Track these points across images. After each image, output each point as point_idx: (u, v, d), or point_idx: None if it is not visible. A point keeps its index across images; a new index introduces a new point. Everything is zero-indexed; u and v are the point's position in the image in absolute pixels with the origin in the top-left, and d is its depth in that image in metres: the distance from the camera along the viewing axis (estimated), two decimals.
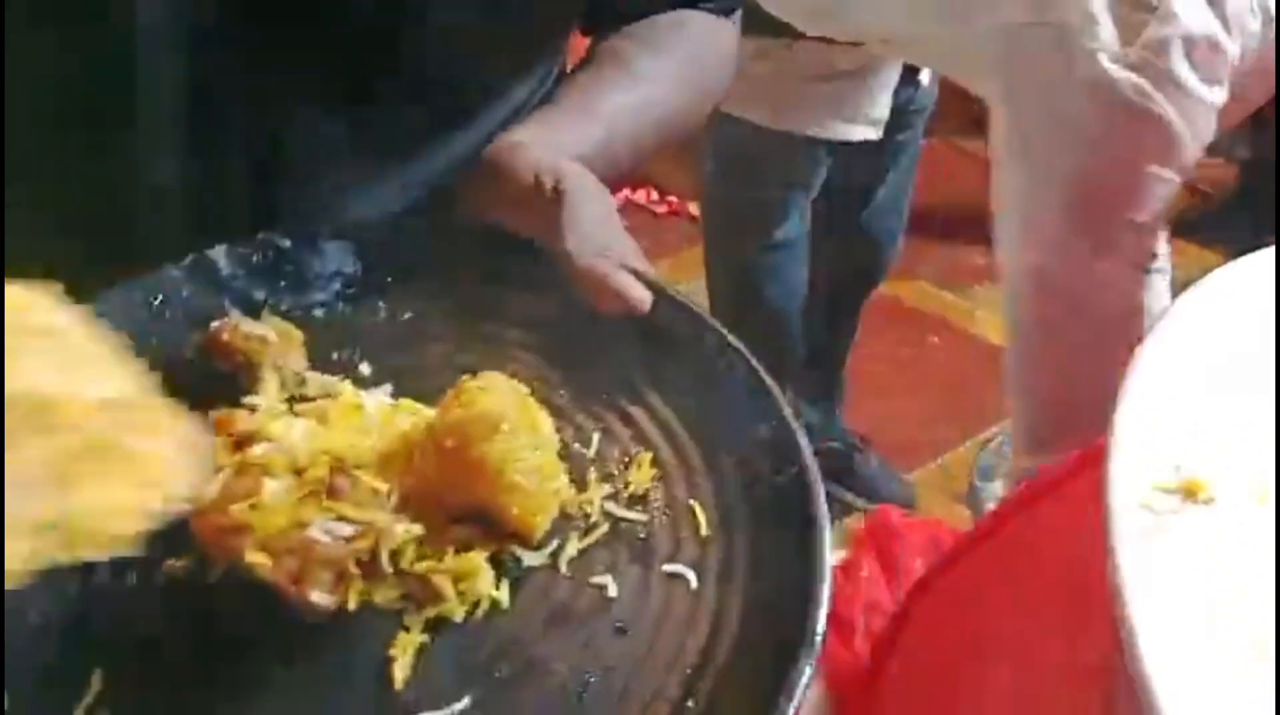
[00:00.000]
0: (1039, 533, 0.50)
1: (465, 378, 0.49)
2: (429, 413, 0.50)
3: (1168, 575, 0.34)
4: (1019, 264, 1.20)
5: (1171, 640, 0.32)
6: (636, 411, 0.53)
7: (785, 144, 1.54)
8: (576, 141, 0.62)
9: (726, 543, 0.48)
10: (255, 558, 0.43)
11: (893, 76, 1.55)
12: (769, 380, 0.52)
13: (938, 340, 2.32)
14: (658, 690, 0.44)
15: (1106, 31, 1.04)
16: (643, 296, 0.53)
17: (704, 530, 0.49)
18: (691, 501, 0.50)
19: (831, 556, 0.46)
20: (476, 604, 0.46)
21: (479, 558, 0.47)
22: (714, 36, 0.76)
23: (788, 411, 0.51)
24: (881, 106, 1.55)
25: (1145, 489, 0.36)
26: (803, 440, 0.50)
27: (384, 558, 0.45)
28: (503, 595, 0.47)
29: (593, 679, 0.44)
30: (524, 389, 0.50)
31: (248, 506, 0.44)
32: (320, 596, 0.44)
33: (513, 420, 0.47)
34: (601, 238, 0.55)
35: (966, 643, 0.53)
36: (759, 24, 1.33)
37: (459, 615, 0.46)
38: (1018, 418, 1.28)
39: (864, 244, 1.77)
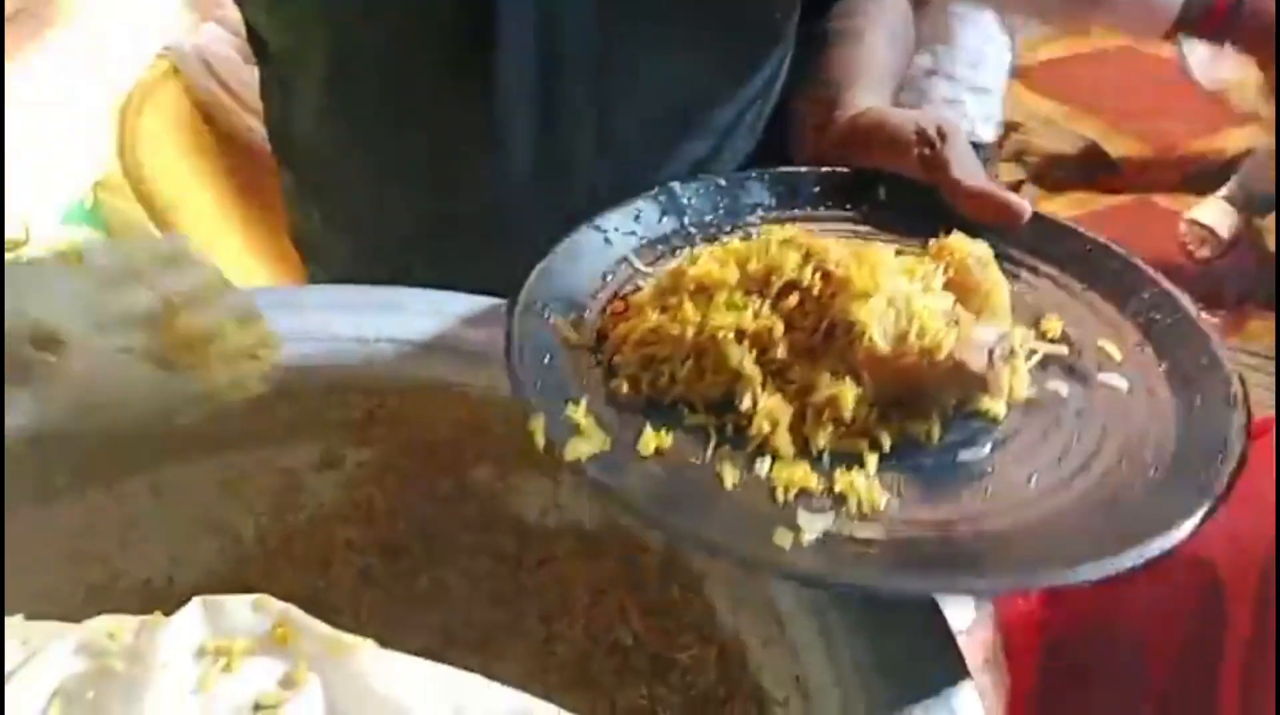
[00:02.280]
0: None
1: (938, 242, 0.62)
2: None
3: None
4: None
5: None
6: (1025, 284, 0.65)
7: None
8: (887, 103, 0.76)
9: (1141, 366, 0.59)
10: (968, 356, 0.54)
11: None
12: (1138, 260, 0.65)
13: None
14: (1126, 452, 0.54)
15: None
16: (1026, 207, 0.65)
17: (1117, 357, 0.60)
18: (1099, 341, 0.61)
19: (1231, 365, 0.57)
20: None
21: (1022, 363, 0.58)
22: (900, 4, 0.91)
23: (1161, 279, 0.63)
24: None
25: None
26: (1183, 298, 0.62)
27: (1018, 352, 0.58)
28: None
29: (1074, 441, 0.55)
30: (985, 243, 0.61)
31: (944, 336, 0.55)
32: (998, 384, 0.56)
33: (989, 259, 0.61)
34: (976, 167, 0.67)
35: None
36: None
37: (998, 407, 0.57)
38: None
39: None
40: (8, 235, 1.24)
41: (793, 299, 0.57)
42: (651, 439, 0.53)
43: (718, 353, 0.56)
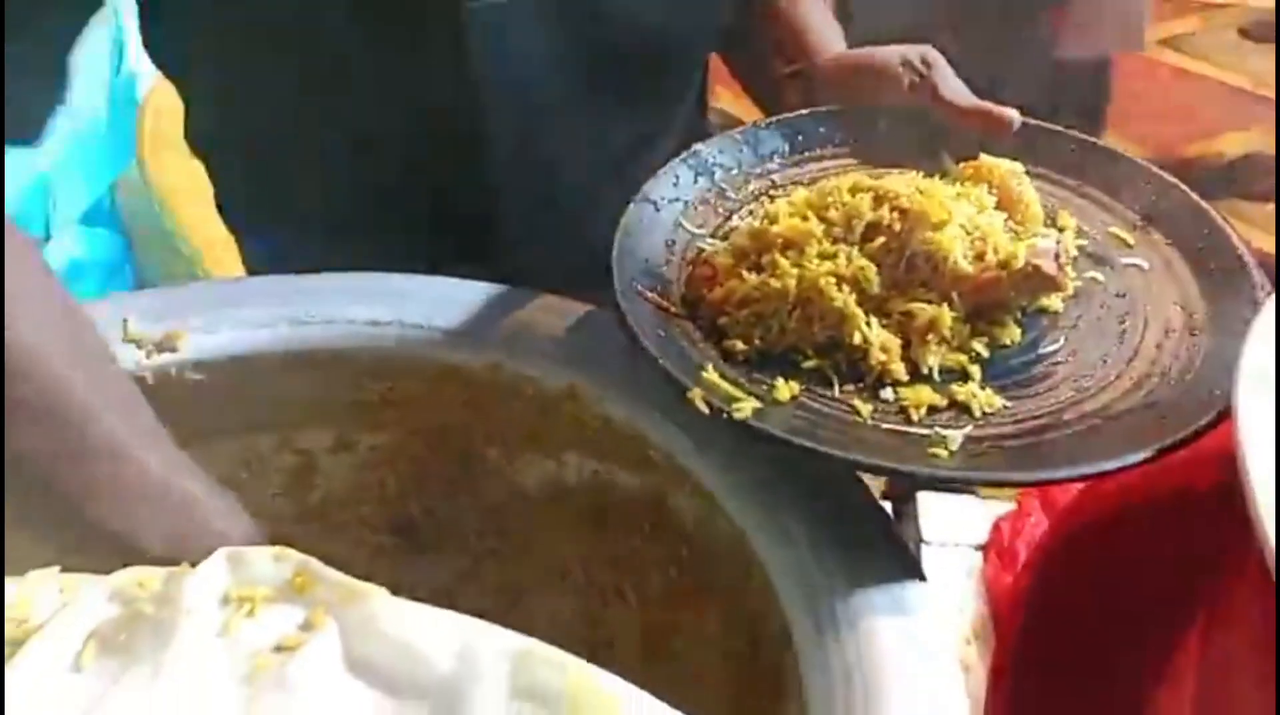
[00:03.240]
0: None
1: (968, 164, 0.69)
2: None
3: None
4: None
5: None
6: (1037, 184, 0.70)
7: None
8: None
9: (1151, 245, 0.67)
10: (1042, 262, 0.61)
11: None
12: (1120, 150, 0.71)
13: None
14: (1168, 318, 0.61)
15: None
16: (1015, 116, 0.72)
17: (1130, 241, 0.67)
18: (1110, 229, 0.68)
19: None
20: None
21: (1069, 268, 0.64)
22: None
23: (1149, 166, 0.70)
24: None
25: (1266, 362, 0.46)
26: (1174, 179, 0.68)
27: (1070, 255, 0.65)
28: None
29: (1125, 318, 0.62)
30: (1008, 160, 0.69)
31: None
32: (1064, 280, 0.62)
33: (1021, 172, 0.68)
34: (961, 87, 0.74)
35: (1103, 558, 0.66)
36: None
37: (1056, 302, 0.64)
38: None
39: None
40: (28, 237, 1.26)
41: (878, 240, 0.62)
42: (785, 388, 0.58)
43: (822, 300, 0.61)
